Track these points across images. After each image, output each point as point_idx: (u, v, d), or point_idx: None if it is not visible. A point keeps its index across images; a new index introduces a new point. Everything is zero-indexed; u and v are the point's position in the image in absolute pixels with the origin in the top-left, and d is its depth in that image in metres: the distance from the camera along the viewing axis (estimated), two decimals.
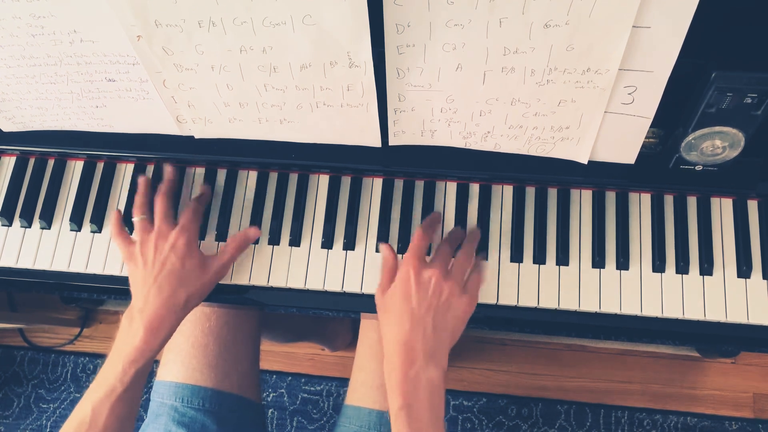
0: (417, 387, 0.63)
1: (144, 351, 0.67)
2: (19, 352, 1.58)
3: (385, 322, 0.68)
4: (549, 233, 0.76)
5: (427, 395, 0.63)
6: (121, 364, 0.67)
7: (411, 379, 0.63)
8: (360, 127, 0.71)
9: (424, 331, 0.65)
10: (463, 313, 0.67)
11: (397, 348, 0.65)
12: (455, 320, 0.67)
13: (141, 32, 0.62)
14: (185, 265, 0.70)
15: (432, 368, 0.64)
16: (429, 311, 0.65)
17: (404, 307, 0.66)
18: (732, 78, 0.59)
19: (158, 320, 0.68)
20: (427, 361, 0.64)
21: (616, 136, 0.67)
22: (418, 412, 0.62)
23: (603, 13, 0.54)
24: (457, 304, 0.67)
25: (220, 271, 0.73)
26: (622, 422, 1.42)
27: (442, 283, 0.66)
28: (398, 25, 0.58)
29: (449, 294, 0.66)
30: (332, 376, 1.50)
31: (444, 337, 0.66)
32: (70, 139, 0.79)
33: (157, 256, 0.70)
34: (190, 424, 0.82)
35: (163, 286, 0.69)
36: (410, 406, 0.62)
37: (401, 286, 0.67)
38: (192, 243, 0.72)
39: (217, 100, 0.69)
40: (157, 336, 0.68)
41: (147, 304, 0.68)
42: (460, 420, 1.45)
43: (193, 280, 0.71)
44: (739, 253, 0.73)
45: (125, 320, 0.69)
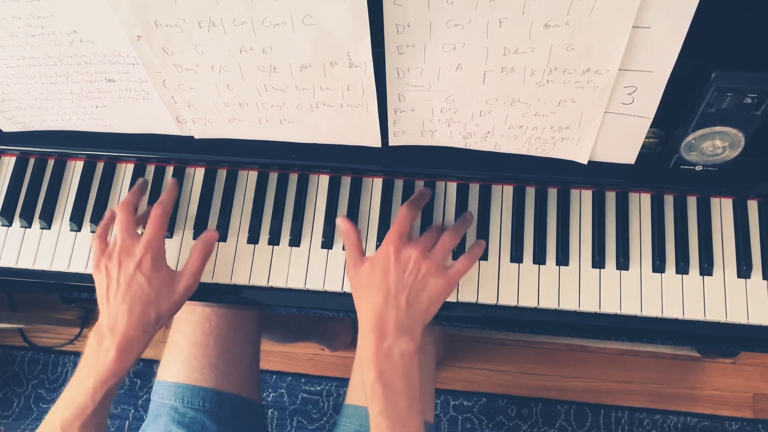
0: (390, 359, 0.64)
1: (116, 371, 0.67)
2: (19, 352, 1.58)
3: (360, 296, 0.69)
4: (549, 233, 0.76)
5: (400, 366, 0.64)
6: (92, 383, 0.66)
7: (384, 351, 0.65)
8: (360, 127, 0.71)
9: (398, 306, 0.66)
10: (438, 293, 0.68)
11: (371, 322, 0.66)
12: (430, 299, 0.67)
13: (141, 32, 0.62)
14: (153, 284, 0.69)
15: (404, 341, 0.65)
16: (404, 288, 0.67)
17: (381, 283, 0.67)
18: (732, 78, 0.59)
19: (129, 340, 0.67)
20: (400, 334, 0.65)
21: (616, 136, 0.67)
22: (393, 383, 0.64)
23: (603, 13, 0.54)
24: (433, 285, 0.67)
25: (190, 285, 0.72)
26: (622, 422, 1.42)
27: (420, 262, 0.67)
28: (398, 25, 0.58)
29: (426, 273, 0.67)
30: (332, 376, 1.50)
31: (417, 313, 0.67)
32: (70, 139, 0.79)
33: (121, 273, 0.69)
34: (190, 424, 0.82)
35: (134, 307, 0.68)
36: (384, 377, 0.64)
37: (380, 262, 0.68)
38: (158, 259, 0.70)
39: (217, 100, 0.69)
40: (129, 356, 0.68)
41: (117, 323, 0.68)
42: (460, 420, 1.45)
43: (162, 299, 0.70)
44: (739, 253, 0.73)
45: (94, 338, 0.68)
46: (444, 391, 1.47)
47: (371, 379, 0.64)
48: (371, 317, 0.66)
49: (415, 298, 0.67)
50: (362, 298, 0.69)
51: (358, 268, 0.70)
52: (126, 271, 0.69)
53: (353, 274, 0.70)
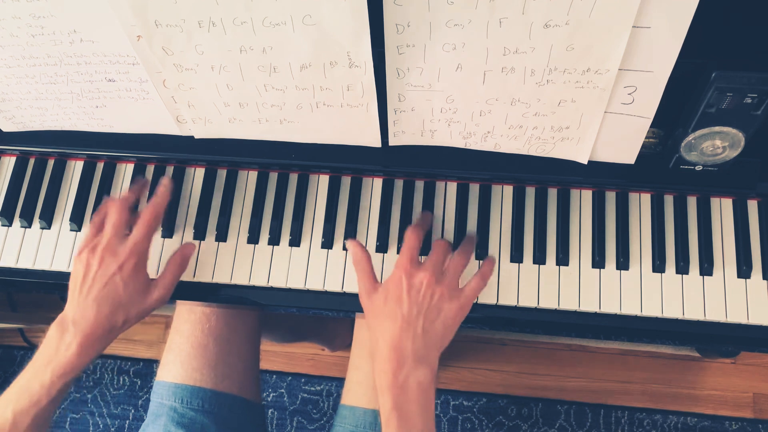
0: (407, 389, 0.63)
1: (75, 366, 0.66)
2: (19, 352, 1.58)
3: (374, 325, 0.68)
4: (549, 233, 0.75)
5: (417, 397, 0.63)
6: (49, 376, 0.66)
7: (401, 381, 0.63)
8: (360, 127, 0.71)
9: (414, 334, 0.65)
10: (453, 318, 0.67)
11: (387, 351, 0.65)
12: (445, 324, 0.67)
13: (141, 32, 0.62)
14: (128, 289, 0.68)
15: (421, 370, 0.64)
16: (419, 315, 0.65)
17: (395, 312, 0.66)
18: (732, 78, 0.59)
19: (93, 337, 0.67)
20: (417, 363, 0.64)
21: (616, 136, 0.67)
22: (409, 413, 0.63)
23: (603, 13, 0.54)
24: (447, 310, 0.67)
25: (162, 296, 0.72)
26: (622, 422, 1.42)
27: (434, 287, 0.66)
28: (398, 25, 0.58)
29: (440, 299, 0.66)
30: (332, 376, 1.50)
31: (434, 340, 0.66)
32: (70, 139, 0.79)
33: (100, 270, 0.68)
34: (189, 424, 0.82)
35: (102, 306, 0.67)
36: (401, 408, 0.63)
37: (393, 289, 0.67)
38: (140, 266, 0.70)
39: (217, 100, 0.69)
40: (90, 352, 0.67)
41: (83, 318, 0.67)
42: (460, 420, 1.45)
43: (132, 305, 0.69)
44: (739, 253, 0.73)
45: (56, 329, 0.67)
46: (444, 391, 1.47)
47: (387, 407, 0.63)
48: (387, 345, 0.65)
49: (430, 325, 0.66)
50: (376, 326, 0.67)
51: (372, 295, 0.69)
52: (106, 270, 0.68)
53: (366, 301, 0.69)
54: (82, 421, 1.52)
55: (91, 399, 1.53)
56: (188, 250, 0.75)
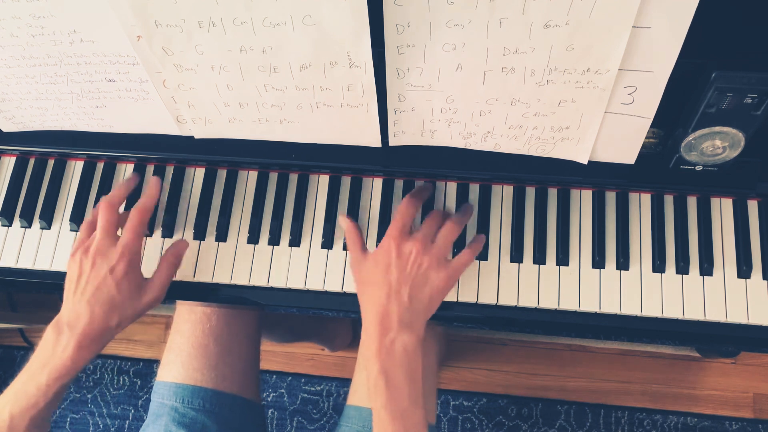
0: (393, 353, 0.65)
1: (71, 368, 0.67)
2: (19, 352, 1.58)
3: (363, 292, 0.69)
4: (549, 233, 0.76)
5: (403, 360, 0.65)
6: (45, 379, 0.66)
7: (387, 345, 0.65)
8: (360, 127, 0.71)
9: (400, 301, 0.66)
10: (440, 287, 0.68)
11: (374, 317, 0.66)
12: (432, 293, 0.68)
13: (141, 32, 0.62)
14: (121, 290, 0.68)
15: (407, 335, 0.65)
16: (406, 283, 0.67)
17: (383, 279, 0.67)
18: (732, 78, 0.59)
19: (88, 340, 0.67)
20: (403, 328, 0.65)
21: (616, 136, 0.67)
22: (395, 376, 0.64)
23: (603, 14, 0.54)
24: (435, 279, 0.67)
25: (156, 296, 0.72)
26: (622, 422, 1.42)
27: (422, 256, 0.67)
28: (398, 25, 0.58)
29: (428, 267, 0.67)
30: (332, 376, 1.50)
31: (420, 307, 0.67)
32: (70, 139, 0.79)
33: (92, 272, 0.68)
34: (190, 424, 0.82)
35: (96, 308, 0.68)
36: (387, 371, 0.64)
37: (382, 257, 0.68)
38: (132, 267, 0.70)
39: (217, 100, 0.69)
40: (86, 355, 0.67)
41: (78, 321, 0.67)
42: (460, 420, 1.45)
43: (127, 306, 0.69)
44: (739, 253, 0.73)
45: (52, 331, 0.68)
46: (444, 391, 1.47)
47: (374, 372, 0.64)
48: (374, 312, 0.66)
49: (417, 292, 0.67)
50: (365, 293, 0.69)
51: (361, 263, 0.70)
52: (98, 272, 0.68)
53: (356, 269, 0.71)
54: (82, 421, 1.52)
55: (91, 399, 1.53)
56: (181, 247, 0.75)
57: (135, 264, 0.70)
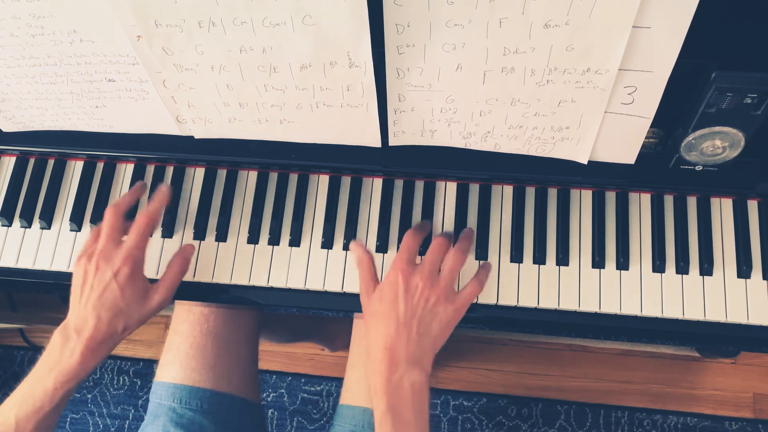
0: (400, 391, 0.64)
1: (78, 373, 0.67)
2: (19, 352, 1.58)
3: (371, 325, 0.68)
4: (549, 233, 0.75)
5: (410, 399, 0.64)
6: (52, 383, 0.66)
7: (395, 383, 0.64)
8: (360, 127, 0.71)
9: (409, 336, 0.65)
10: (448, 321, 0.67)
11: (382, 352, 0.65)
12: (440, 327, 0.67)
13: (141, 32, 0.62)
14: (125, 295, 0.68)
15: (416, 372, 0.65)
16: (414, 317, 0.66)
17: (390, 313, 0.66)
18: (732, 78, 0.59)
19: (95, 345, 0.67)
20: (411, 365, 0.65)
21: (616, 136, 0.67)
22: (403, 415, 0.63)
23: (603, 13, 0.54)
24: (443, 313, 0.67)
25: (163, 299, 0.72)
26: (622, 422, 1.42)
27: (429, 291, 0.67)
28: (398, 25, 0.58)
29: (435, 302, 0.67)
30: (332, 376, 1.50)
31: (428, 342, 0.66)
32: (70, 139, 0.79)
33: (96, 277, 0.68)
34: (188, 425, 0.82)
35: (101, 313, 0.68)
36: (394, 409, 0.63)
37: (389, 290, 0.67)
38: (136, 271, 0.69)
39: (217, 100, 0.69)
40: (93, 360, 0.68)
41: (85, 326, 0.67)
42: (460, 420, 1.45)
43: (133, 310, 0.69)
44: (739, 253, 0.73)
45: (59, 336, 0.68)
46: (444, 391, 1.47)
47: (381, 410, 0.64)
48: (382, 346, 0.66)
49: (425, 328, 0.66)
50: (373, 326, 0.68)
51: (370, 294, 0.69)
52: (102, 277, 0.68)
53: (365, 300, 0.70)
54: (82, 421, 1.52)
55: (91, 399, 1.53)
56: (188, 251, 0.75)
57: (139, 268, 0.70)
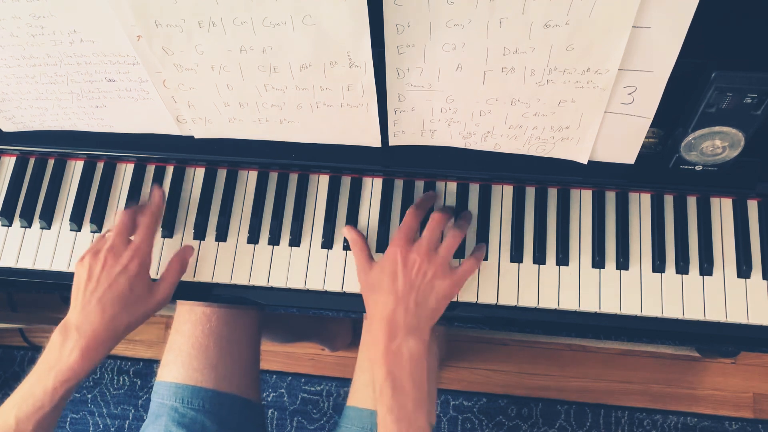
0: (399, 358, 0.66)
1: (77, 372, 0.67)
2: (19, 352, 1.58)
3: (370, 299, 0.71)
4: (549, 233, 0.75)
5: (409, 365, 0.66)
6: (51, 382, 0.66)
7: (393, 350, 0.66)
8: (360, 127, 0.71)
9: (406, 308, 0.67)
10: (444, 294, 0.69)
11: (381, 323, 0.67)
12: (437, 300, 0.69)
13: (141, 32, 0.62)
14: (134, 290, 0.69)
15: (413, 340, 0.67)
16: (412, 290, 0.68)
17: (389, 287, 0.68)
18: (732, 78, 0.59)
19: (96, 342, 0.67)
20: (409, 334, 0.67)
21: (616, 136, 0.67)
22: (402, 382, 0.65)
23: (603, 13, 0.54)
24: (440, 286, 0.69)
25: (164, 297, 0.73)
26: (622, 422, 1.42)
27: (427, 265, 0.69)
28: (398, 25, 0.58)
29: (433, 276, 0.69)
30: (332, 376, 1.50)
31: (425, 314, 0.68)
32: (70, 139, 0.79)
33: (104, 272, 0.69)
34: (190, 424, 0.82)
35: (106, 308, 0.68)
36: (394, 375, 0.65)
37: (388, 265, 0.69)
38: (144, 266, 0.70)
39: (217, 100, 0.69)
40: (93, 358, 0.67)
41: (87, 322, 0.67)
42: (460, 420, 1.45)
43: (137, 306, 0.70)
44: (739, 253, 0.73)
45: (59, 334, 0.67)
46: (444, 391, 1.47)
47: (380, 377, 0.65)
48: (381, 318, 0.68)
49: (423, 299, 0.68)
50: (372, 300, 0.70)
51: (367, 271, 0.71)
52: (110, 270, 0.69)
53: (363, 278, 0.72)
54: (82, 421, 1.52)
55: (91, 399, 1.53)
56: (188, 252, 0.76)
57: (146, 265, 0.71)
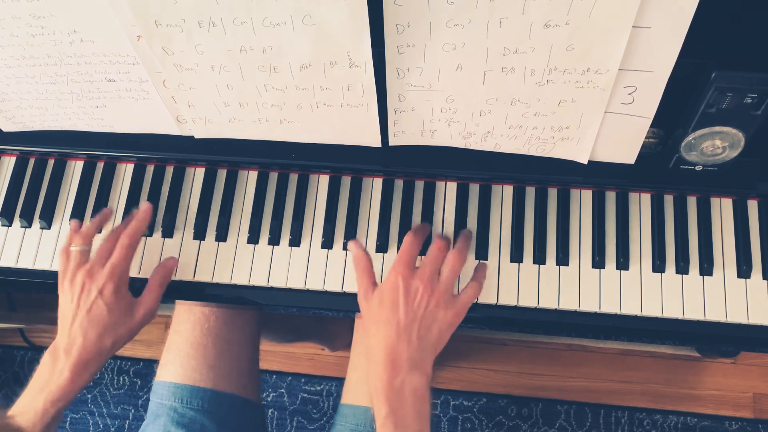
0: (402, 395, 0.64)
1: (67, 392, 0.68)
2: (19, 352, 1.58)
3: (371, 329, 0.68)
4: (549, 233, 0.75)
5: (412, 403, 0.64)
6: (42, 403, 0.67)
7: (396, 387, 0.64)
8: (360, 127, 0.71)
9: (409, 341, 0.65)
10: (448, 325, 0.68)
11: (383, 357, 0.65)
12: (440, 331, 0.67)
13: (141, 32, 0.62)
14: (112, 312, 0.69)
15: (416, 376, 0.65)
16: (415, 322, 0.66)
17: (391, 317, 0.66)
18: (732, 78, 0.59)
19: (83, 364, 0.69)
20: (412, 369, 0.65)
21: (616, 136, 0.67)
22: (404, 419, 0.64)
23: (603, 13, 0.54)
24: (442, 316, 0.67)
25: (148, 311, 0.73)
26: (622, 422, 1.42)
27: (429, 295, 0.67)
28: (398, 25, 0.58)
29: (435, 306, 0.67)
30: (332, 376, 1.50)
31: (428, 346, 0.67)
32: (70, 139, 0.79)
33: (82, 296, 0.69)
34: (189, 424, 0.82)
35: (88, 332, 0.69)
36: (396, 413, 0.63)
37: (389, 294, 0.67)
38: (120, 287, 0.70)
39: (217, 100, 0.69)
40: (82, 378, 0.69)
41: (73, 346, 0.68)
42: (460, 420, 1.45)
43: (119, 326, 0.70)
44: (739, 253, 0.73)
45: (49, 357, 0.69)
46: (444, 391, 1.47)
47: (382, 414, 0.64)
48: (383, 351, 0.66)
49: (425, 332, 0.66)
50: (374, 329, 0.68)
51: (369, 297, 0.69)
52: (87, 295, 0.69)
53: (364, 303, 0.70)
54: (82, 421, 1.52)
55: (91, 399, 1.53)
56: (170, 264, 0.76)
57: (122, 284, 0.71)
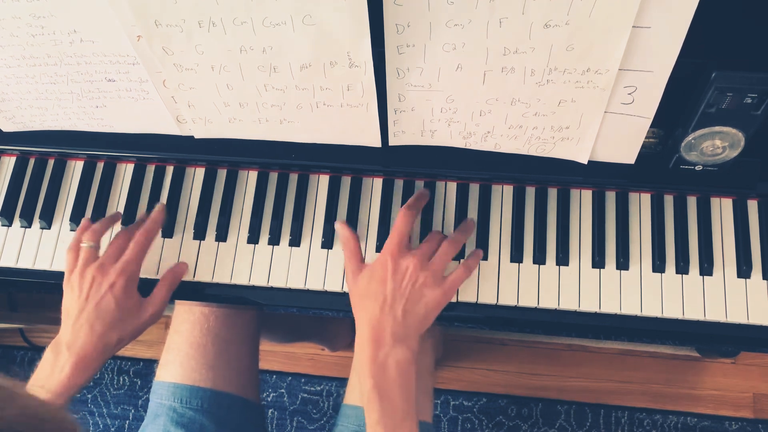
0: (386, 368, 0.65)
1: (69, 388, 0.68)
2: (19, 352, 1.58)
3: (357, 304, 0.69)
4: (549, 233, 0.75)
5: (396, 376, 0.65)
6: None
7: (380, 361, 0.65)
8: (360, 127, 0.71)
9: (394, 316, 0.66)
10: (435, 304, 0.68)
11: (368, 331, 0.66)
12: (426, 309, 0.68)
13: (141, 32, 0.62)
14: (121, 308, 0.69)
15: (400, 350, 0.66)
16: (401, 298, 0.67)
17: (378, 293, 0.67)
18: (732, 78, 0.59)
19: (86, 359, 0.68)
20: (396, 344, 0.66)
21: (616, 136, 0.67)
22: (389, 392, 0.64)
23: (603, 13, 0.54)
24: (430, 295, 0.68)
25: (155, 312, 0.73)
26: (622, 422, 1.42)
27: (418, 272, 0.68)
28: (398, 25, 0.58)
29: (423, 284, 0.67)
30: (332, 376, 1.50)
31: (414, 323, 0.67)
32: (70, 139, 0.79)
33: (92, 291, 0.69)
34: (188, 424, 0.82)
35: (95, 326, 0.68)
36: (380, 386, 0.64)
37: (378, 271, 0.68)
38: (130, 284, 0.71)
39: (217, 100, 0.69)
40: (83, 374, 0.68)
41: (77, 340, 0.68)
42: (460, 420, 1.45)
43: (126, 324, 0.70)
44: (739, 253, 0.73)
45: (51, 352, 0.69)
46: (444, 391, 1.47)
47: (367, 388, 0.65)
48: (368, 326, 0.67)
49: (411, 307, 0.67)
50: (359, 306, 0.69)
51: (357, 276, 0.70)
52: (97, 289, 0.69)
53: (351, 281, 0.71)
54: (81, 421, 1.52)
55: (91, 399, 1.53)
56: (181, 269, 0.76)
57: (133, 283, 0.71)
